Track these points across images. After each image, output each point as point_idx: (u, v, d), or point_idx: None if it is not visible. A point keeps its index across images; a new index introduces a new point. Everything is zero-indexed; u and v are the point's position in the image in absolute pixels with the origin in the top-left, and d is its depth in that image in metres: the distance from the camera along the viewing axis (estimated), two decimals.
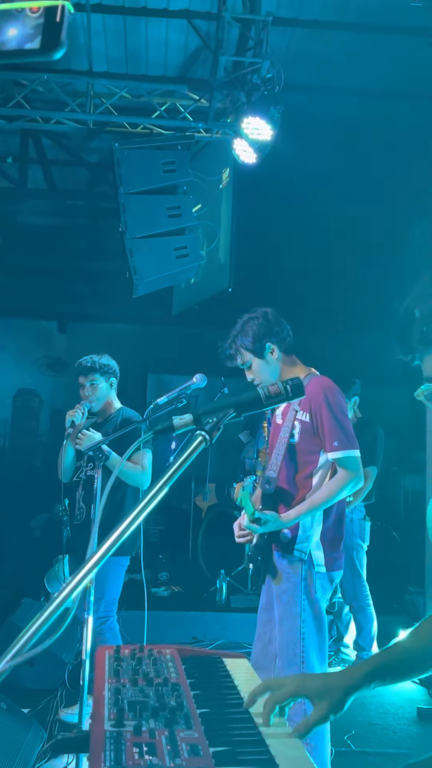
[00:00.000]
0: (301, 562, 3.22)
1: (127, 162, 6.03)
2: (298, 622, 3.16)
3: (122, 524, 1.31)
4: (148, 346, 10.27)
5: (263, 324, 3.44)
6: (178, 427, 1.49)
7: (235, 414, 1.45)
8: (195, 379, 3.78)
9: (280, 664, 3.21)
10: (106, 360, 4.62)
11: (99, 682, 1.72)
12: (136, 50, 6.85)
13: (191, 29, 6.34)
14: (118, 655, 1.89)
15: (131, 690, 1.65)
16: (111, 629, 4.29)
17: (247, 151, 5.94)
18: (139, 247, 6.10)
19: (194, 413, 1.46)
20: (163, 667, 1.82)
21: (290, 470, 3.33)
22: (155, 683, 1.69)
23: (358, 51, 6.61)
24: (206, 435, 1.38)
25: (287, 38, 6.54)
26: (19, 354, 10.89)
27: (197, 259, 6.43)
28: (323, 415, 3.23)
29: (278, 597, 3.26)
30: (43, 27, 0.77)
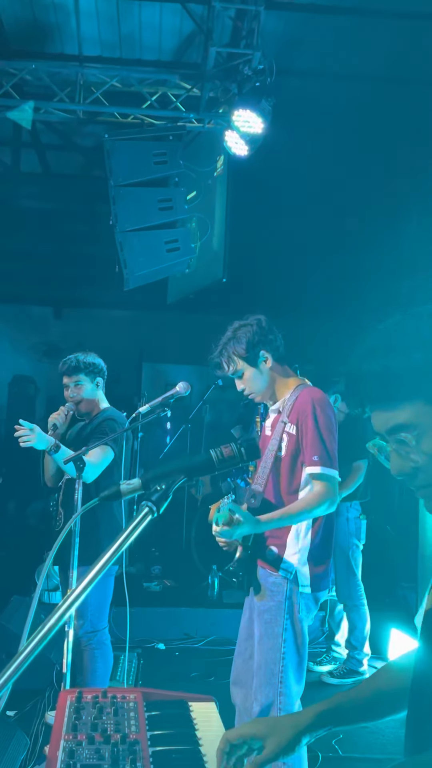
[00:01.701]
0: (286, 581, 3.14)
1: (118, 153, 5.91)
2: (279, 642, 3.10)
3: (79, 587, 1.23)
4: (144, 333, 10.18)
5: (257, 331, 3.30)
6: (126, 493, 1.42)
7: (185, 479, 1.38)
8: (178, 388, 3.69)
9: (257, 682, 3.15)
10: (91, 359, 4.39)
11: (55, 738, 1.67)
12: (129, 34, 6.69)
13: (185, 12, 6.20)
14: (80, 702, 1.84)
15: (87, 749, 1.60)
16: (101, 645, 4.15)
17: (238, 144, 5.81)
18: (129, 240, 6.00)
19: (142, 478, 1.39)
20: (125, 717, 1.78)
21: (276, 484, 3.23)
22: (112, 741, 1.64)
23: (356, 35, 6.45)
24: (152, 506, 1.31)
25: (283, 23, 6.38)
26: (14, 340, 10.81)
27: (188, 253, 6.33)
28: (308, 428, 3.12)
29: (260, 614, 3.19)
30: None
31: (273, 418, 3.38)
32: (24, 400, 10.54)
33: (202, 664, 5.62)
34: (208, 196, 6.96)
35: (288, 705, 3.08)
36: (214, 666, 5.49)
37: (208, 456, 1.41)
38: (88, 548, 3.74)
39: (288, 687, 3.08)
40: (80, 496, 3.47)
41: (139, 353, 10.33)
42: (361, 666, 5.50)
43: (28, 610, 5.36)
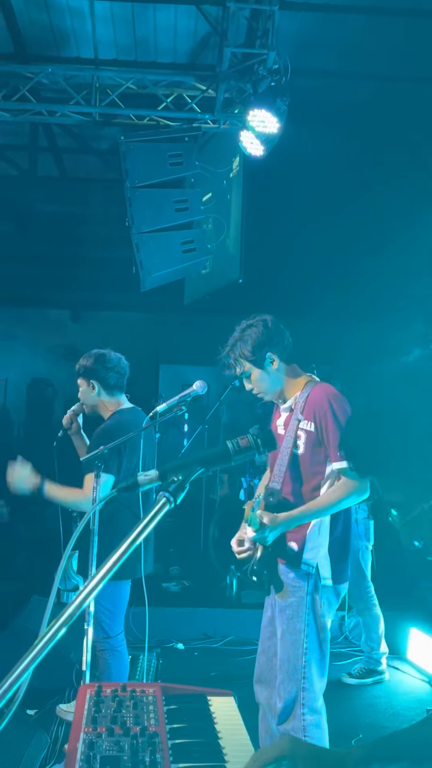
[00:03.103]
0: (308, 575, 3.13)
1: (133, 155, 5.94)
2: (302, 637, 3.09)
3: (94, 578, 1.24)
4: (161, 335, 10.23)
5: (263, 332, 3.28)
6: (142, 484, 1.43)
7: (202, 470, 1.39)
8: (195, 387, 3.69)
9: (280, 678, 3.15)
10: (89, 357, 4.16)
11: (75, 730, 1.68)
12: (144, 37, 6.73)
13: (200, 14, 6.22)
14: (99, 696, 1.85)
15: (106, 742, 1.61)
16: (113, 651, 4.04)
17: (254, 143, 5.81)
18: (145, 241, 6.02)
19: (160, 469, 1.40)
20: (144, 711, 1.78)
21: (296, 483, 3.21)
22: (131, 734, 1.65)
23: (370, 34, 6.44)
24: (170, 496, 1.32)
25: (297, 23, 6.38)
26: (32, 343, 10.89)
27: (204, 254, 6.34)
28: (328, 424, 3.11)
29: (282, 610, 3.18)
30: None
31: (285, 416, 3.36)
32: (42, 402, 10.61)
33: (221, 664, 5.62)
34: (224, 196, 6.97)
35: (311, 701, 3.07)
36: (234, 666, 5.49)
37: (225, 447, 1.41)
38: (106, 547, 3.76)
39: (311, 683, 3.08)
40: (98, 495, 3.48)
41: (157, 355, 10.36)
42: (379, 665, 5.47)
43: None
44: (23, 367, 10.71)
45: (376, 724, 4.75)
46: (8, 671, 4.02)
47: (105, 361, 4.15)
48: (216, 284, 7.40)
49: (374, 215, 7.74)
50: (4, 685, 1.19)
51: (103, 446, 3.51)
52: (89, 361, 4.14)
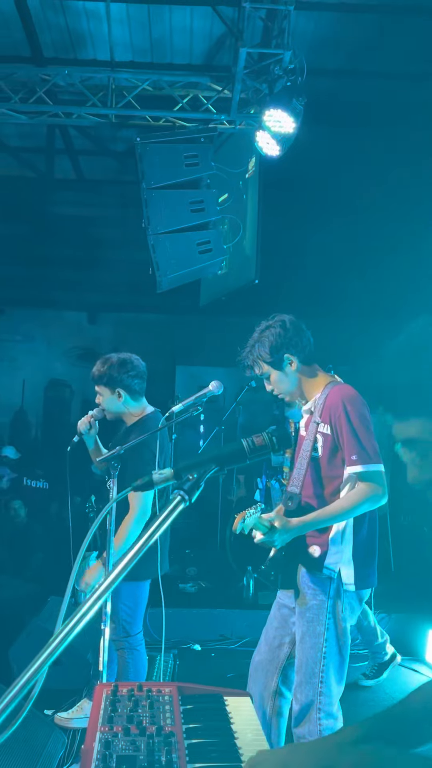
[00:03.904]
0: (330, 580, 3.09)
1: (149, 156, 5.95)
2: (321, 641, 3.06)
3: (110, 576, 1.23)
4: (177, 336, 10.24)
5: (281, 334, 3.26)
6: (158, 482, 1.43)
7: (217, 468, 1.38)
8: (211, 387, 3.69)
9: (297, 681, 3.13)
10: (111, 365, 4.02)
11: (91, 729, 1.68)
12: (160, 39, 6.74)
13: (216, 15, 6.22)
14: (115, 695, 1.85)
15: (122, 741, 1.61)
16: (132, 650, 4.05)
17: (269, 144, 5.80)
18: (161, 242, 6.03)
19: (175, 468, 1.39)
20: (160, 711, 1.78)
21: (316, 486, 3.19)
22: (148, 733, 1.64)
23: (386, 33, 6.40)
24: (185, 494, 1.31)
25: (313, 22, 6.36)
26: (49, 345, 10.96)
27: (221, 254, 6.34)
28: (342, 428, 3.08)
29: (302, 613, 3.15)
30: None
31: (306, 418, 3.35)
32: (59, 403, 10.67)
33: (238, 665, 5.59)
34: (240, 197, 6.97)
35: (328, 705, 3.05)
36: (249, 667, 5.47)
37: (240, 445, 1.41)
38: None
39: (328, 687, 3.05)
40: (114, 495, 3.48)
41: (173, 356, 10.37)
42: (386, 654, 5.36)
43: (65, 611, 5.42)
44: (40, 368, 10.78)
45: None
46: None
47: (129, 368, 4.06)
48: (232, 285, 7.39)
49: (390, 214, 7.70)
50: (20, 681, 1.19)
51: (120, 447, 3.51)
52: (112, 368, 4.03)
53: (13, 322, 11.08)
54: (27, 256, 9.97)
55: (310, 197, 7.74)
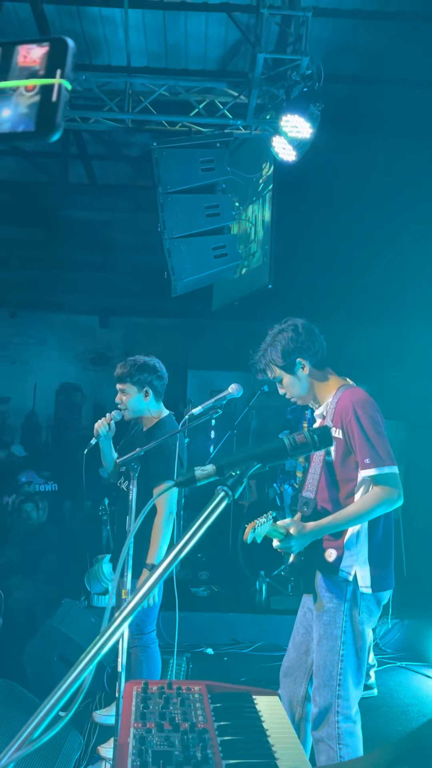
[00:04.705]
0: (346, 583, 3.09)
1: (166, 161, 5.97)
2: (338, 644, 3.06)
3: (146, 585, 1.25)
4: (189, 340, 10.26)
5: (293, 338, 3.27)
6: (200, 478, 1.43)
7: (259, 465, 1.39)
8: (230, 390, 3.70)
9: (315, 684, 3.13)
10: (142, 365, 4.14)
11: (124, 725, 1.69)
12: (175, 44, 6.78)
13: (231, 22, 6.26)
14: (146, 693, 1.86)
15: (157, 737, 1.62)
16: (146, 648, 4.09)
17: (286, 149, 5.83)
18: (177, 246, 6.05)
19: (217, 464, 1.40)
20: (191, 708, 1.79)
21: (331, 490, 3.19)
22: (181, 729, 1.65)
23: (402, 40, 6.43)
24: (228, 490, 1.32)
25: (328, 29, 6.39)
26: (61, 349, 11.00)
27: (235, 259, 6.35)
28: (354, 432, 3.08)
29: (319, 617, 3.15)
30: (39, 107, 0.71)
31: (319, 423, 3.36)
32: (71, 407, 10.70)
33: (251, 670, 5.60)
34: (255, 202, 7.00)
35: (346, 708, 3.05)
36: (263, 671, 5.46)
37: (282, 443, 1.42)
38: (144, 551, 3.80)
39: (346, 690, 3.04)
40: (135, 497, 3.49)
41: (185, 360, 10.39)
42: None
43: (78, 613, 5.43)
44: (52, 372, 10.82)
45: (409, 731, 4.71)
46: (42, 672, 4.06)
47: (156, 369, 4.19)
48: (245, 290, 7.41)
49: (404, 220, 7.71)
50: (66, 681, 1.20)
51: (140, 448, 3.53)
52: (142, 368, 4.13)
53: (26, 325, 11.13)
54: (40, 259, 10.03)
55: (323, 202, 7.76)
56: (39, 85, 0.72)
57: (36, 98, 0.72)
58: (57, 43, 0.74)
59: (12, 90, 0.73)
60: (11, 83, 0.73)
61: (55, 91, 0.72)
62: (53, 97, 0.72)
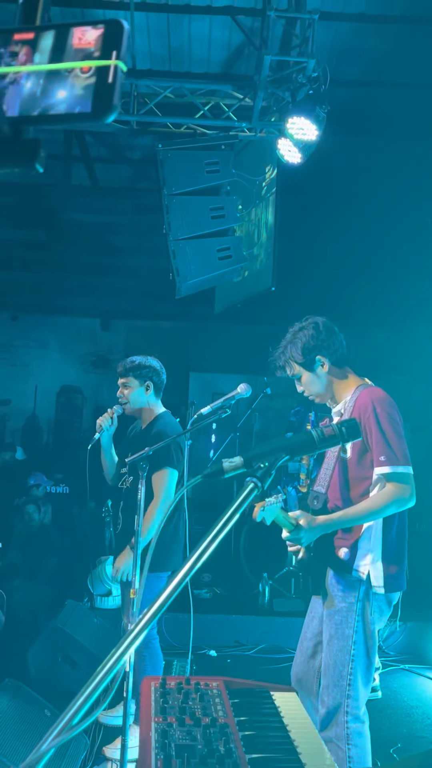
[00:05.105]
0: (359, 582, 3.08)
1: (171, 163, 5.98)
2: (350, 644, 3.05)
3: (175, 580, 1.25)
4: (190, 343, 10.26)
5: (313, 336, 3.29)
6: (228, 470, 1.43)
7: (287, 457, 1.39)
8: (239, 389, 3.71)
9: (324, 684, 3.12)
10: (145, 362, 4.40)
11: (145, 719, 1.69)
12: (179, 47, 6.79)
13: (234, 25, 6.27)
14: (164, 688, 1.86)
15: (178, 731, 1.62)
16: (148, 644, 4.14)
17: (291, 151, 5.84)
18: (182, 248, 6.06)
19: (244, 456, 1.40)
20: (210, 703, 1.79)
21: (343, 488, 3.19)
22: (203, 724, 1.65)
23: (406, 44, 6.45)
24: (258, 482, 1.33)
25: (332, 32, 6.41)
26: (62, 351, 11.00)
27: (240, 260, 6.36)
28: (372, 429, 3.08)
29: (330, 616, 3.14)
30: (95, 89, 0.71)
31: (336, 420, 3.36)
32: (72, 410, 10.70)
33: (255, 672, 5.59)
34: (258, 204, 7.01)
35: (355, 708, 3.04)
36: (266, 674, 5.46)
37: (310, 435, 1.42)
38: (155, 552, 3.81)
39: (356, 690, 3.04)
40: (143, 496, 3.49)
41: (187, 363, 10.38)
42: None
43: (81, 614, 5.42)
44: (53, 374, 10.82)
45: (413, 734, 4.71)
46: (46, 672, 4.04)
47: (156, 367, 4.44)
48: (247, 292, 7.41)
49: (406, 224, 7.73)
50: (96, 679, 1.20)
51: (148, 447, 3.54)
52: (143, 362, 4.39)
53: (27, 327, 11.13)
54: (41, 262, 10.03)
55: (326, 206, 7.78)
56: (95, 67, 0.73)
57: (92, 80, 0.72)
58: (112, 25, 0.75)
59: (67, 71, 0.73)
60: (67, 65, 0.73)
61: (111, 72, 0.73)
62: (109, 78, 0.73)
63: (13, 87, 0.74)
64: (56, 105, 0.73)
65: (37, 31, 0.76)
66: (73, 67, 0.73)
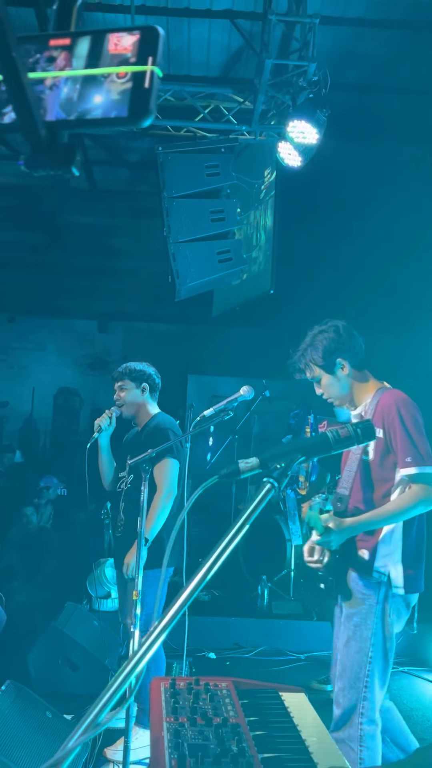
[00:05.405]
0: (379, 584, 3.08)
1: (171, 166, 6.00)
2: (368, 645, 3.04)
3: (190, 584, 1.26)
4: (188, 346, 10.27)
5: (334, 339, 3.30)
6: (244, 471, 1.45)
7: (303, 458, 1.40)
8: (242, 391, 3.72)
9: (340, 685, 3.10)
10: (140, 366, 4.52)
11: (156, 720, 1.70)
12: (178, 50, 6.82)
13: (234, 28, 6.29)
14: (174, 689, 1.87)
15: (190, 731, 1.63)
16: (154, 652, 4.20)
17: (291, 155, 5.86)
18: (182, 251, 6.08)
19: (260, 457, 1.41)
20: (221, 704, 1.80)
21: (366, 489, 3.19)
22: (214, 724, 1.66)
23: (405, 49, 6.48)
24: (274, 482, 1.34)
25: (331, 37, 6.43)
26: (59, 353, 11.00)
27: (240, 263, 6.38)
28: (396, 430, 3.09)
29: (349, 617, 3.13)
30: (131, 94, 0.73)
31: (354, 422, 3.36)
32: (69, 411, 10.71)
33: (254, 674, 5.54)
34: (257, 207, 7.03)
35: (370, 711, 3.03)
36: (266, 676, 5.46)
37: (325, 436, 1.43)
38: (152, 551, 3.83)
39: (372, 692, 3.03)
40: (145, 498, 3.50)
41: (185, 365, 10.39)
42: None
43: (81, 616, 5.42)
44: (50, 376, 10.82)
45: (414, 736, 4.71)
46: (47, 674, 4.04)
47: (152, 371, 4.54)
48: (246, 295, 7.43)
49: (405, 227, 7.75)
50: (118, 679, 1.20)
51: (151, 450, 3.54)
52: (138, 366, 4.50)
53: (24, 329, 11.14)
54: (39, 264, 10.03)
55: (324, 209, 7.79)
56: (131, 72, 0.74)
57: (128, 85, 0.74)
58: (148, 31, 0.76)
59: (103, 77, 0.74)
60: (103, 70, 0.74)
61: (148, 77, 0.74)
62: (146, 83, 0.74)
63: (51, 92, 0.75)
64: (93, 110, 0.74)
65: (73, 37, 0.77)
66: (110, 72, 0.74)
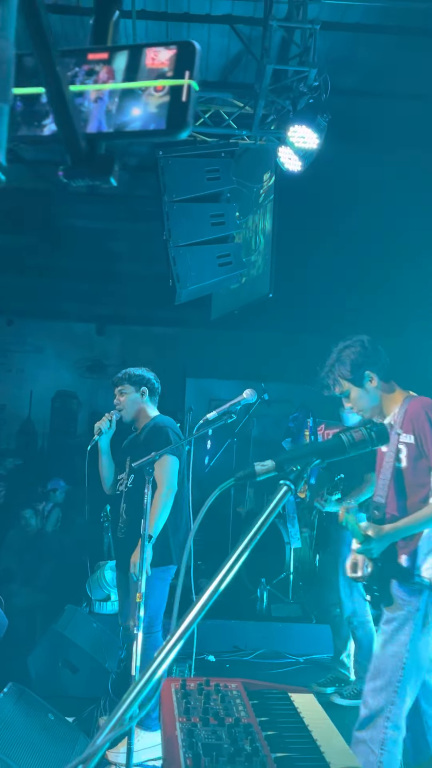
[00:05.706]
0: (422, 588, 3.10)
1: (171, 170, 6.03)
2: (404, 651, 3.05)
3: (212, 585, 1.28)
4: (187, 349, 10.29)
5: (361, 352, 3.36)
6: (260, 473, 1.47)
7: (319, 461, 1.43)
8: (245, 395, 3.75)
9: (371, 686, 3.11)
10: (139, 371, 4.60)
11: (169, 719, 1.72)
12: None
13: (233, 33, 6.32)
14: (185, 689, 1.89)
15: (203, 731, 1.65)
16: (150, 634, 4.24)
17: (292, 159, 5.90)
18: (182, 255, 6.10)
19: (276, 460, 1.44)
20: (232, 704, 1.82)
21: (401, 497, 3.23)
22: (227, 723, 1.68)
23: (403, 54, 6.51)
24: (291, 485, 1.36)
25: (329, 42, 6.46)
26: (57, 356, 11.00)
27: (240, 267, 6.41)
28: (427, 435, 3.15)
29: (388, 621, 3.15)
30: (169, 107, 0.75)
31: None
32: (67, 414, 10.72)
33: (254, 677, 5.54)
34: (256, 211, 7.05)
35: (396, 716, 3.03)
36: (265, 679, 5.41)
37: (340, 439, 1.45)
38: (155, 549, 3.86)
39: (402, 698, 3.03)
40: (149, 500, 3.52)
41: (183, 369, 10.41)
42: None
43: (81, 619, 5.43)
44: (48, 379, 10.83)
45: None
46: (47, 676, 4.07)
47: (151, 376, 4.62)
48: (245, 299, 7.45)
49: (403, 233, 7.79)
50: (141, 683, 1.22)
51: (155, 452, 3.57)
52: (141, 371, 4.58)
53: (23, 332, 11.15)
54: (37, 267, 10.04)
55: (323, 214, 7.82)
56: (168, 86, 0.76)
57: (165, 98, 0.76)
58: (185, 46, 0.78)
59: (141, 90, 0.76)
60: (141, 83, 0.76)
61: (185, 91, 0.76)
62: (183, 97, 0.76)
63: (91, 104, 0.77)
64: (131, 122, 0.76)
65: (111, 51, 0.79)
66: (147, 86, 0.76)
